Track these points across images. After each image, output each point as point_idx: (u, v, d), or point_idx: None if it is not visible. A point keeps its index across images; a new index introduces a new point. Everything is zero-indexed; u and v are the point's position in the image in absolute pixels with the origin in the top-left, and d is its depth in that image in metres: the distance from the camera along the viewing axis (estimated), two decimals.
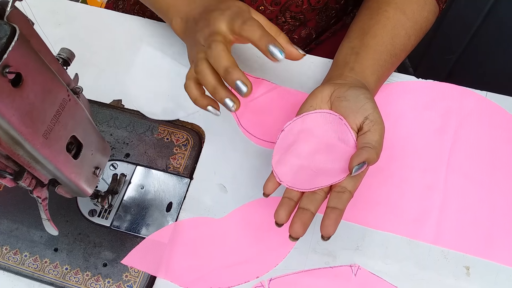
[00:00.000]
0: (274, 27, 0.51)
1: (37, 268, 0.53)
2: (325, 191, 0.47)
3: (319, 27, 0.74)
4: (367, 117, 0.47)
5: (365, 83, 0.53)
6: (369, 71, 0.54)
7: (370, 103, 0.47)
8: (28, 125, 0.35)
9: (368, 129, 0.46)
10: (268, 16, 0.68)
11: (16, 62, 0.31)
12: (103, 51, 0.66)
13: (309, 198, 0.46)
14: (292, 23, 0.71)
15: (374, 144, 0.45)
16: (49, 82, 0.36)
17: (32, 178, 0.40)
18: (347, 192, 0.45)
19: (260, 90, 0.61)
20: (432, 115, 0.57)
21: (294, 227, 0.44)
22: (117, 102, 0.62)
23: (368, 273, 0.51)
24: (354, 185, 0.45)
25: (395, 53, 0.56)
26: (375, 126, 0.46)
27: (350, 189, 0.45)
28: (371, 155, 0.44)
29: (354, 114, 0.47)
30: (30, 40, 0.33)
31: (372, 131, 0.46)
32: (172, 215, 0.55)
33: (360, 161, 0.44)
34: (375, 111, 0.47)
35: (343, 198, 0.44)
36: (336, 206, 0.44)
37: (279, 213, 0.46)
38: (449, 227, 0.52)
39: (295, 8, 0.67)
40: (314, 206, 0.46)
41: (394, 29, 0.56)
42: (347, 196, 0.45)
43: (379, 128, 0.46)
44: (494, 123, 0.56)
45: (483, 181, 0.54)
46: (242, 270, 0.52)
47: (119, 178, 0.56)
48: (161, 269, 0.52)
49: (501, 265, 0.50)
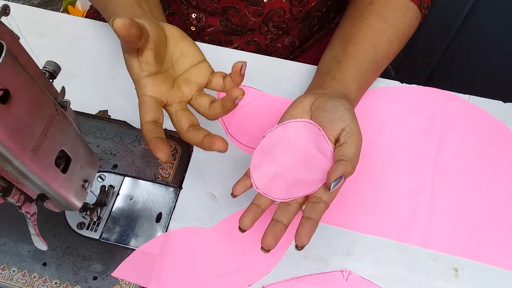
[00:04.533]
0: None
1: (25, 283, 0.52)
2: (300, 203, 0.47)
3: (302, 35, 0.75)
4: (344, 128, 0.47)
5: (347, 92, 0.53)
6: (351, 80, 0.54)
7: (348, 114, 0.48)
8: (17, 142, 0.34)
9: (344, 140, 0.47)
10: (251, 27, 0.69)
11: (3, 78, 0.31)
12: (87, 61, 0.65)
13: (283, 209, 0.46)
14: (275, 32, 0.71)
15: (350, 157, 0.45)
16: (37, 97, 0.36)
17: (21, 194, 0.40)
18: (322, 203, 0.45)
19: (247, 98, 0.61)
20: (417, 120, 0.58)
21: (266, 239, 0.44)
22: (103, 113, 0.61)
23: (359, 278, 0.51)
24: (329, 195, 0.46)
25: (377, 61, 0.56)
26: (351, 137, 0.47)
27: (326, 200, 0.45)
28: (347, 169, 0.44)
29: (332, 125, 0.48)
30: (17, 55, 0.33)
31: (349, 142, 0.46)
32: (162, 226, 0.55)
33: (336, 176, 0.44)
34: (352, 122, 0.47)
35: (318, 209, 0.45)
36: (310, 216, 0.44)
37: (244, 220, 0.46)
38: (437, 229, 0.53)
39: (278, 18, 0.67)
40: (287, 218, 0.46)
41: (376, 36, 0.57)
42: (322, 207, 0.45)
43: (356, 140, 0.46)
44: (478, 126, 0.58)
45: (469, 184, 0.55)
46: (234, 279, 0.52)
47: (107, 190, 0.55)
48: (152, 281, 0.52)
49: (489, 266, 0.51)
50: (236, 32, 0.70)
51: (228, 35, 0.70)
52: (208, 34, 0.70)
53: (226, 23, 0.67)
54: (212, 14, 0.67)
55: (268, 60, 0.65)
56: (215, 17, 0.67)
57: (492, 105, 0.59)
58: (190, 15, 0.67)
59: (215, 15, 0.67)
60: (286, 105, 0.60)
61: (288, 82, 0.63)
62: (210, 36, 0.70)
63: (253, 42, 0.72)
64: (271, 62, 0.64)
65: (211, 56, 0.64)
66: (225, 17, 0.67)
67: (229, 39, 0.71)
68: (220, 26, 0.68)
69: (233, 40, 0.71)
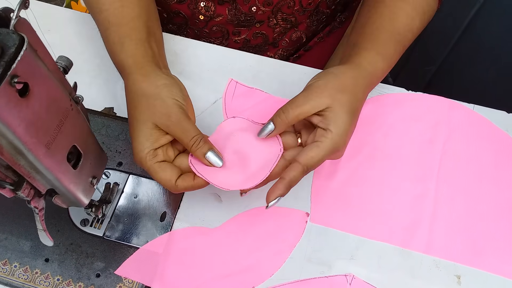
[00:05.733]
0: None
1: (27, 279, 0.52)
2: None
3: (310, 31, 0.75)
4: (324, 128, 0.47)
5: (366, 63, 0.52)
6: (372, 52, 0.53)
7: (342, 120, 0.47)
8: (33, 135, 0.34)
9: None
10: (260, 18, 0.69)
11: (23, 71, 0.31)
12: (93, 58, 0.65)
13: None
14: (284, 26, 0.71)
15: (304, 162, 0.46)
16: (54, 91, 0.35)
17: (31, 188, 0.40)
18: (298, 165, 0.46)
19: (253, 99, 0.61)
20: (422, 127, 0.59)
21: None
22: (109, 110, 0.61)
23: (363, 282, 0.52)
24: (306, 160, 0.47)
25: (398, 32, 0.55)
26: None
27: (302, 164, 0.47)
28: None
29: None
30: (36, 49, 0.33)
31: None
32: (166, 225, 0.55)
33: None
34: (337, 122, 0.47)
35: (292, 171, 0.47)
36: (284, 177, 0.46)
37: None
38: (440, 236, 0.53)
39: (287, 9, 0.68)
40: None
41: (392, 13, 0.55)
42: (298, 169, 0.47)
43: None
44: (482, 135, 0.58)
45: (472, 191, 0.55)
46: (237, 280, 0.52)
47: (112, 187, 0.55)
48: (155, 280, 0.52)
49: (491, 274, 0.52)
50: (244, 24, 0.70)
51: (236, 27, 0.70)
52: (216, 24, 0.70)
53: (235, 12, 0.67)
54: (221, 2, 0.66)
55: (274, 62, 0.65)
56: (224, 6, 0.67)
57: (496, 115, 0.60)
58: (198, 4, 0.67)
59: (224, 4, 0.67)
60: None
61: (294, 85, 0.63)
62: (218, 27, 0.70)
63: (260, 35, 0.72)
64: (278, 65, 0.65)
65: (214, 56, 0.65)
66: (234, 6, 0.67)
67: (237, 31, 0.71)
68: (228, 15, 0.68)
69: (241, 32, 0.71)
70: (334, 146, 0.47)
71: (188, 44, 0.66)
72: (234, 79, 0.63)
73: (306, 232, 0.54)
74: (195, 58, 0.65)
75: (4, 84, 0.29)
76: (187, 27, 0.73)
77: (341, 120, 0.47)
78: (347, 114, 0.47)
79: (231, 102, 0.61)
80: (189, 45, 0.66)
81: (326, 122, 0.47)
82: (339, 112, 0.47)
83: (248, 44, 0.74)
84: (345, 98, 0.48)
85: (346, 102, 0.48)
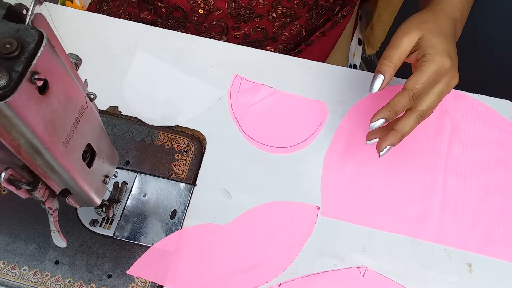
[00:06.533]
0: None
1: (37, 282, 0.51)
2: None
3: (309, 24, 0.75)
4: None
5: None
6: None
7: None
8: (51, 134, 0.33)
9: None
10: (260, 11, 0.69)
11: (43, 68, 0.30)
12: (94, 56, 0.64)
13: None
14: (283, 20, 0.71)
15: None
16: (71, 88, 0.35)
17: (46, 189, 0.39)
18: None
19: (259, 95, 0.61)
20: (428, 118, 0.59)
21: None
22: (113, 109, 0.61)
23: (376, 274, 0.52)
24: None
25: None
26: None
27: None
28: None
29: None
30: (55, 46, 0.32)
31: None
32: (176, 223, 0.54)
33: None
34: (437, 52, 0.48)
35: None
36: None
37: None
38: (451, 225, 0.54)
39: (287, 3, 0.68)
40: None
41: None
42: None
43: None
44: (487, 125, 0.59)
45: (480, 180, 0.56)
46: (251, 276, 0.52)
47: (121, 187, 0.54)
48: (168, 278, 0.51)
49: (502, 261, 0.52)
50: (244, 18, 0.69)
51: (236, 21, 0.70)
52: (216, 18, 0.69)
53: (234, 6, 0.67)
54: None
55: (278, 57, 0.65)
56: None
57: (500, 104, 0.60)
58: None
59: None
60: (297, 102, 0.61)
61: (300, 79, 0.63)
62: (217, 21, 0.70)
63: (260, 29, 0.72)
64: (282, 59, 0.64)
65: (217, 51, 0.64)
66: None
67: (237, 25, 0.71)
68: (228, 9, 0.68)
69: (240, 26, 0.71)
70: (436, 65, 0.48)
71: (191, 40, 0.65)
72: (239, 74, 0.62)
73: (317, 226, 0.54)
74: (199, 54, 0.64)
75: (25, 81, 0.29)
76: (186, 22, 0.72)
77: (434, 42, 0.49)
78: (438, 37, 0.50)
79: (236, 98, 0.61)
80: (192, 41, 0.65)
81: (422, 50, 0.49)
82: (430, 37, 0.50)
83: (247, 39, 0.74)
84: (430, 26, 0.51)
85: (433, 28, 0.50)
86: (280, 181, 0.57)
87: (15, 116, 0.29)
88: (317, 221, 0.54)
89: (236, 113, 0.60)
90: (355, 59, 0.96)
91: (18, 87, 0.28)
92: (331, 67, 0.63)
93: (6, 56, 0.29)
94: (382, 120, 0.49)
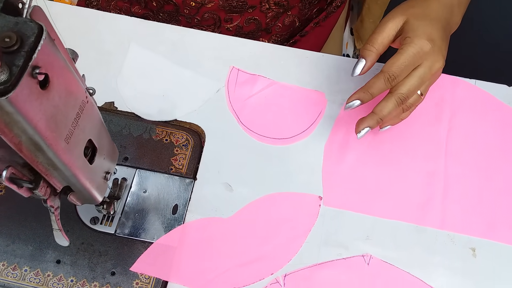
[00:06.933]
0: None
1: (39, 282, 0.50)
2: None
3: (302, 14, 0.75)
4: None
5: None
6: None
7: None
8: (53, 130, 0.33)
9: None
10: (252, 3, 0.68)
11: (44, 62, 0.29)
12: (88, 52, 0.63)
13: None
14: (276, 10, 0.71)
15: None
16: (71, 83, 0.34)
17: (47, 187, 0.38)
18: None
19: (257, 86, 0.61)
20: (426, 105, 0.59)
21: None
22: (109, 105, 0.60)
23: (381, 261, 0.52)
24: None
25: None
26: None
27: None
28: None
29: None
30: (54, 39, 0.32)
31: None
32: (178, 218, 0.54)
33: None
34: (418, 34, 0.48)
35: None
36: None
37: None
38: (453, 211, 0.54)
39: None
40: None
41: None
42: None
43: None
44: (485, 110, 0.59)
45: (481, 165, 0.56)
46: (255, 268, 0.52)
47: (120, 183, 0.53)
48: (172, 273, 0.51)
49: (505, 245, 0.53)
50: (236, 9, 0.69)
51: (228, 13, 0.69)
52: (208, 10, 0.68)
53: None
54: None
55: (274, 48, 0.64)
56: None
57: (498, 89, 0.60)
58: None
59: None
60: (296, 92, 0.61)
61: (297, 70, 0.62)
62: (209, 13, 0.69)
63: (253, 21, 0.71)
64: (278, 50, 0.64)
65: (212, 44, 0.64)
66: None
67: (229, 17, 0.70)
68: (220, 1, 0.67)
69: (233, 18, 0.70)
70: (414, 48, 0.48)
71: (185, 33, 0.64)
72: (236, 66, 0.62)
73: (320, 216, 0.54)
74: (193, 47, 0.64)
75: (26, 76, 0.28)
76: (178, 15, 0.71)
77: (416, 25, 0.49)
78: (422, 20, 0.50)
79: (234, 90, 0.60)
80: (186, 34, 0.64)
81: (404, 34, 0.50)
82: (414, 21, 0.50)
83: (240, 31, 0.73)
84: (416, 10, 0.51)
85: (418, 12, 0.51)
86: (281, 172, 0.56)
87: (16, 112, 0.29)
88: (320, 211, 0.54)
89: (234, 105, 0.60)
90: (348, 49, 0.96)
91: (19, 82, 0.28)
92: (328, 56, 0.63)
93: (6, 50, 0.28)
94: (358, 101, 0.50)
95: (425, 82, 0.50)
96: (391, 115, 0.51)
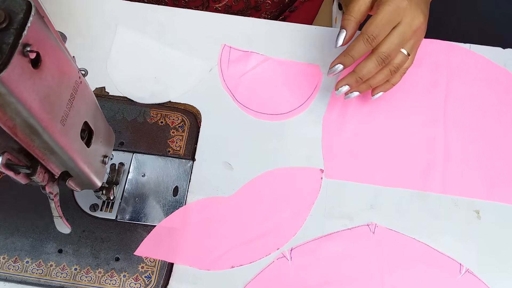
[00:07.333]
0: None
1: (42, 273, 0.49)
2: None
3: None
4: None
5: None
6: None
7: None
8: (48, 111, 0.32)
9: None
10: None
11: (34, 40, 0.28)
12: (75, 37, 0.61)
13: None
14: None
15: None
16: (64, 62, 0.33)
17: (45, 172, 0.37)
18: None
19: (250, 63, 0.60)
20: (422, 71, 0.59)
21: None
22: (100, 90, 0.58)
23: (386, 229, 0.52)
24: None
25: None
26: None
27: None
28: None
29: None
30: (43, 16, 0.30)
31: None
32: (179, 199, 0.53)
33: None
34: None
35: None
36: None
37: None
38: (455, 175, 0.54)
39: None
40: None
41: None
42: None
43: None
44: (481, 73, 0.59)
45: (480, 128, 0.56)
46: (261, 244, 0.51)
47: (118, 168, 0.53)
48: (177, 255, 0.50)
49: (508, 205, 0.53)
50: None
51: None
52: None
53: None
54: None
55: (266, 23, 0.63)
56: None
57: (492, 52, 0.60)
58: None
59: None
60: (290, 67, 0.60)
61: (289, 44, 0.61)
62: None
63: None
64: (269, 25, 0.63)
65: (203, 23, 0.62)
66: None
67: None
68: None
69: None
70: (390, 6, 0.48)
71: (173, 12, 0.63)
72: (227, 44, 0.61)
73: (322, 189, 0.54)
74: (183, 27, 0.62)
75: (17, 54, 0.27)
76: None
77: None
78: None
79: (227, 68, 0.59)
80: (174, 14, 0.63)
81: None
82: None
83: (229, 11, 0.72)
84: None
85: None
86: (280, 148, 0.56)
87: (9, 93, 0.27)
88: (322, 184, 0.54)
89: (228, 83, 0.59)
90: (337, 24, 0.94)
91: (10, 61, 0.26)
92: (321, 28, 0.62)
93: None
94: (340, 65, 0.50)
95: (407, 39, 0.50)
96: (378, 78, 0.51)
